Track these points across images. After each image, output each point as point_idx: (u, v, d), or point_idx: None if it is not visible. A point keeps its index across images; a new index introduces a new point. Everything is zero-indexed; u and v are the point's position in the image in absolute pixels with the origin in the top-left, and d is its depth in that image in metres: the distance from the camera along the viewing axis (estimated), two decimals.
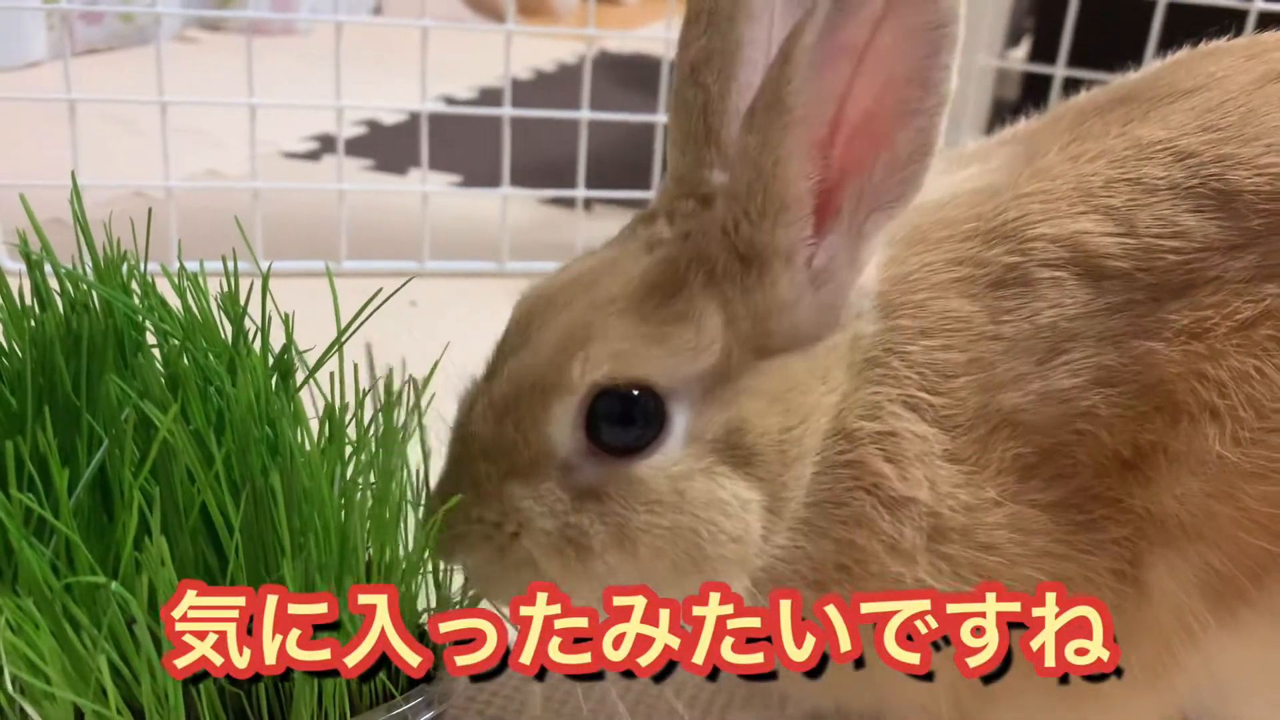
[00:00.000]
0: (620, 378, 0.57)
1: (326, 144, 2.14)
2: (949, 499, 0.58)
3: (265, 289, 0.63)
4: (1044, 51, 1.90)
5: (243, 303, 0.65)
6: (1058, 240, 0.59)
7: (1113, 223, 0.59)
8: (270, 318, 0.63)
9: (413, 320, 1.43)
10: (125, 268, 0.66)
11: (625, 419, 0.57)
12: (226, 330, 0.65)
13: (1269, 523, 0.57)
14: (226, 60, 1.62)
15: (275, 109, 1.65)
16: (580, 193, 1.65)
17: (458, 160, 1.99)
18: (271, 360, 0.63)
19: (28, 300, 0.63)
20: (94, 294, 0.62)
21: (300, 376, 0.65)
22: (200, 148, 2.03)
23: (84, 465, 0.59)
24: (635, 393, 0.57)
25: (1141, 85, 0.66)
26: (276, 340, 0.65)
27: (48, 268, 0.63)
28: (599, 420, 0.57)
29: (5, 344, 0.63)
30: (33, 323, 0.62)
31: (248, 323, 0.64)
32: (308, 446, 0.59)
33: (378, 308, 0.65)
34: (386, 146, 2.17)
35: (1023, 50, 2.21)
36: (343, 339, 0.63)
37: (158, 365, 0.60)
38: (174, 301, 0.65)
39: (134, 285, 0.66)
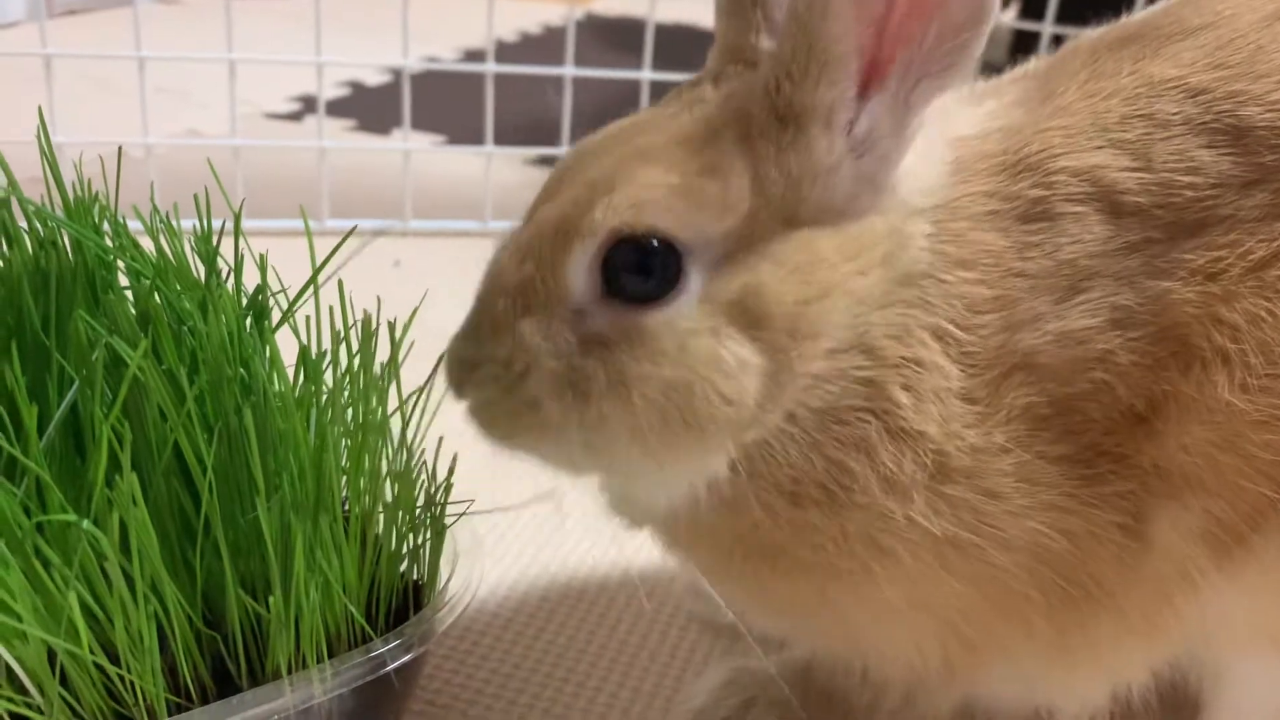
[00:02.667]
0: (640, 226, 0.55)
1: (309, 105, 2.12)
2: (957, 438, 0.56)
3: (238, 229, 0.62)
4: (1033, 10, 1.88)
5: (216, 246, 0.64)
6: (1079, 174, 0.57)
7: (1129, 157, 0.57)
8: (244, 258, 0.62)
9: (396, 279, 1.42)
10: (96, 209, 0.65)
11: (641, 268, 0.56)
12: (200, 272, 0.64)
13: (1272, 470, 0.56)
14: (208, 23, 1.60)
15: (257, 70, 1.62)
16: (565, 150, 1.63)
17: (441, 120, 1.97)
18: (245, 301, 0.62)
19: None
20: (63, 232, 0.60)
21: (275, 319, 0.64)
22: (181, 108, 2.01)
23: (54, 405, 0.58)
24: (654, 243, 0.55)
25: (1150, 23, 0.65)
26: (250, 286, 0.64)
27: (15, 207, 0.62)
28: (615, 267, 0.56)
29: None
30: (0, 262, 0.61)
31: (221, 264, 0.63)
32: (282, 388, 0.58)
33: (358, 250, 0.64)
34: (370, 107, 2.15)
35: (1011, 14, 2.19)
36: (318, 280, 0.62)
37: (129, 304, 0.59)
38: (147, 247, 0.64)
39: (105, 228, 0.65)
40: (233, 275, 0.62)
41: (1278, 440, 0.55)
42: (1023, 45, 1.83)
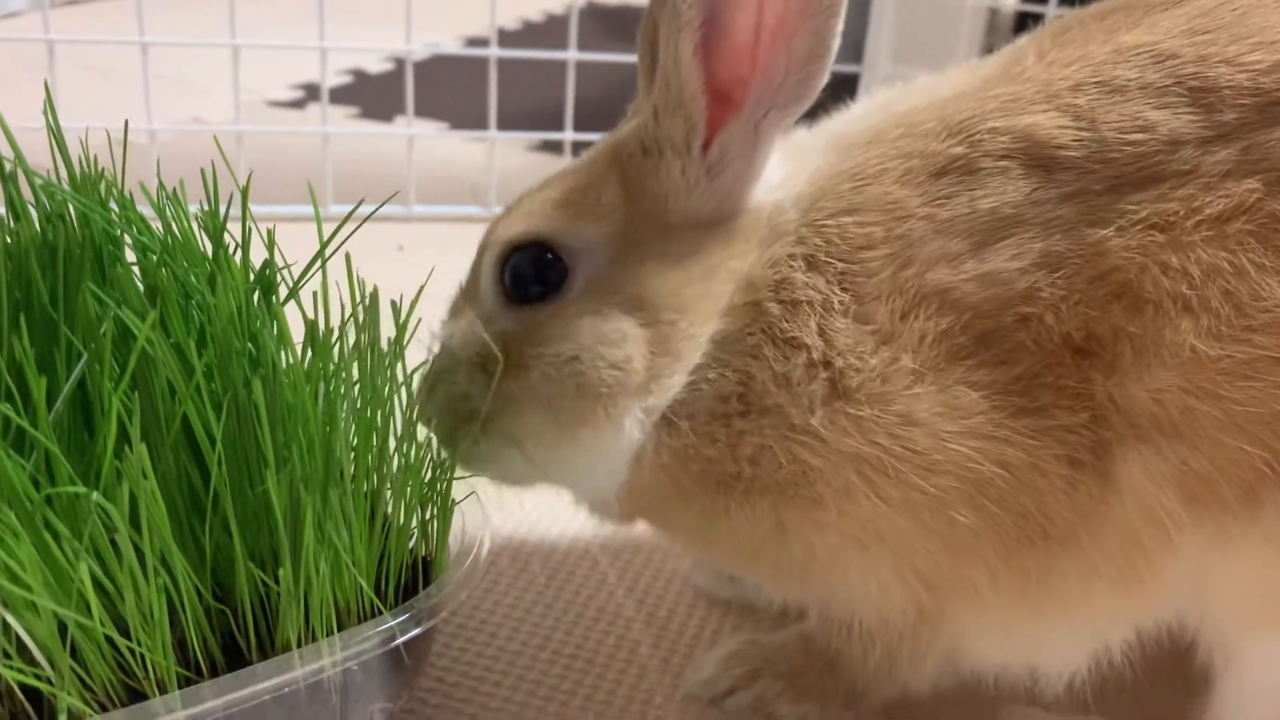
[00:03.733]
0: (528, 235, 0.66)
1: (312, 92, 2.11)
2: (849, 355, 0.61)
3: (245, 203, 0.62)
4: None
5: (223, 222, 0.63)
6: (1008, 132, 0.61)
7: (1070, 118, 0.60)
8: (251, 231, 0.62)
9: (399, 263, 1.42)
10: (103, 186, 0.65)
11: (533, 272, 0.65)
12: (207, 247, 0.63)
13: (1255, 428, 0.57)
14: (211, 11, 1.60)
15: (259, 59, 1.62)
16: (568, 135, 1.63)
17: (444, 108, 1.97)
18: (253, 277, 0.62)
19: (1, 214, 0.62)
20: (70, 206, 0.60)
21: (283, 293, 0.64)
22: (184, 96, 2.01)
23: (63, 379, 0.58)
24: (542, 249, 0.65)
25: None
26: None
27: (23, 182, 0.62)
28: (510, 272, 0.66)
29: None
30: (7, 237, 0.61)
31: (228, 239, 0.63)
32: (291, 361, 0.58)
33: (366, 219, 0.64)
34: (373, 95, 2.15)
35: None
36: (325, 254, 0.62)
37: (136, 279, 0.59)
38: (155, 227, 0.64)
39: (112, 206, 0.65)
40: (239, 251, 0.62)
41: (1261, 394, 0.56)
42: (1024, 29, 1.81)
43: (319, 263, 0.63)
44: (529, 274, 0.65)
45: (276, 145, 1.67)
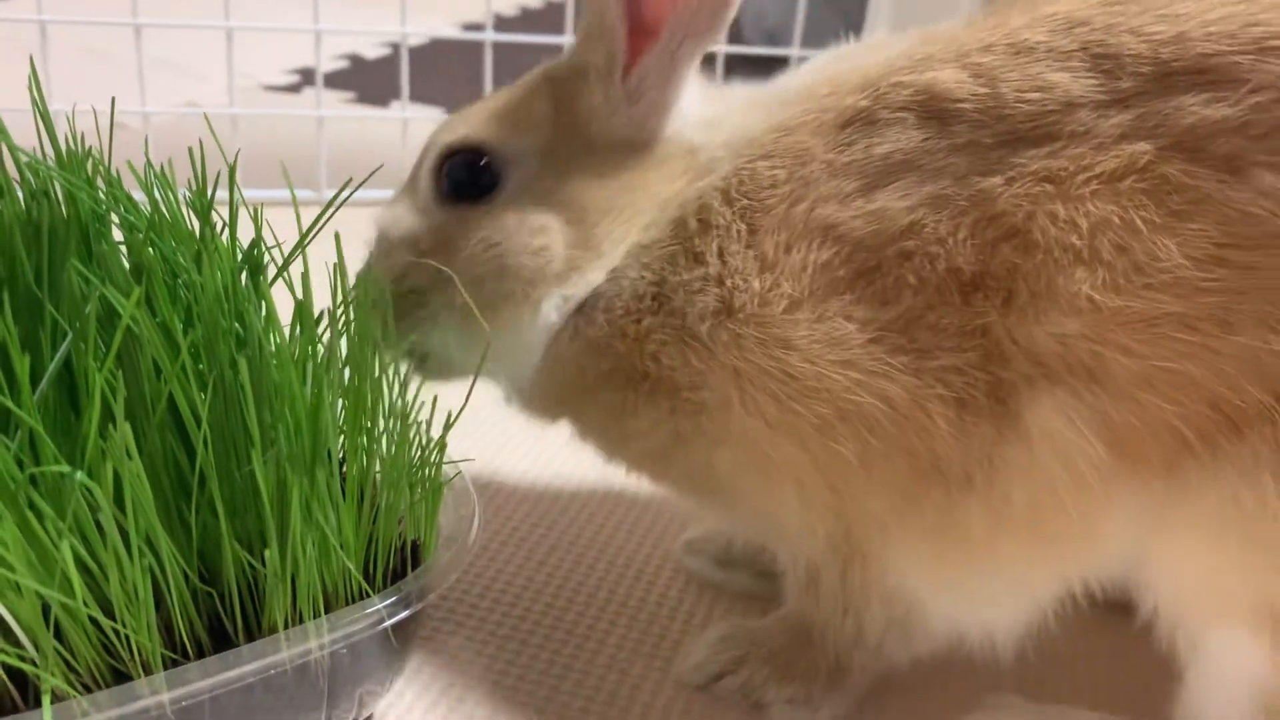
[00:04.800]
0: (463, 140, 0.72)
1: (307, 77, 2.11)
2: (737, 276, 0.65)
3: (233, 182, 0.61)
4: None
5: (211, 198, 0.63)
6: (910, 86, 0.64)
7: (970, 74, 0.63)
8: (239, 211, 0.61)
9: None
10: (90, 164, 0.65)
11: (467, 175, 0.71)
12: (195, 227, 0.63)
13: (1170, 390, 0.57)
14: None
15: (255, 43, 1.62)
16: None
17: (441, 93, 1.96)
18: (240, 255, 0.62)
19: None
20: (56, 184, 0.60)
21: (270, 272, 0.64)
22: (179, 80, 2.00)
23: (47, 358, 0.58)
24: (477, 154, 0.71)
25: None
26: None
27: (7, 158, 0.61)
28: (447, 173, 0.72)
29: None
30: None
31: (215, 219, 0.63)
32: (278, 341, 0.58)
33: (351, 194, 0.64)
34: (368, 80, 2.14)
35: None
36: (314, 231, 0.62)
37: (122, 257, 0.58)
38: (142, 203, 0.64)
39: (99, 182, 0.65)
40: (227, 230, 0.62)
41: (1171, 352, 0.57)
42: None
43: (308, 240, 0.63)
44: (464, 177, 0.71)
45: (271, 129, 1.66)
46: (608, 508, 0.96)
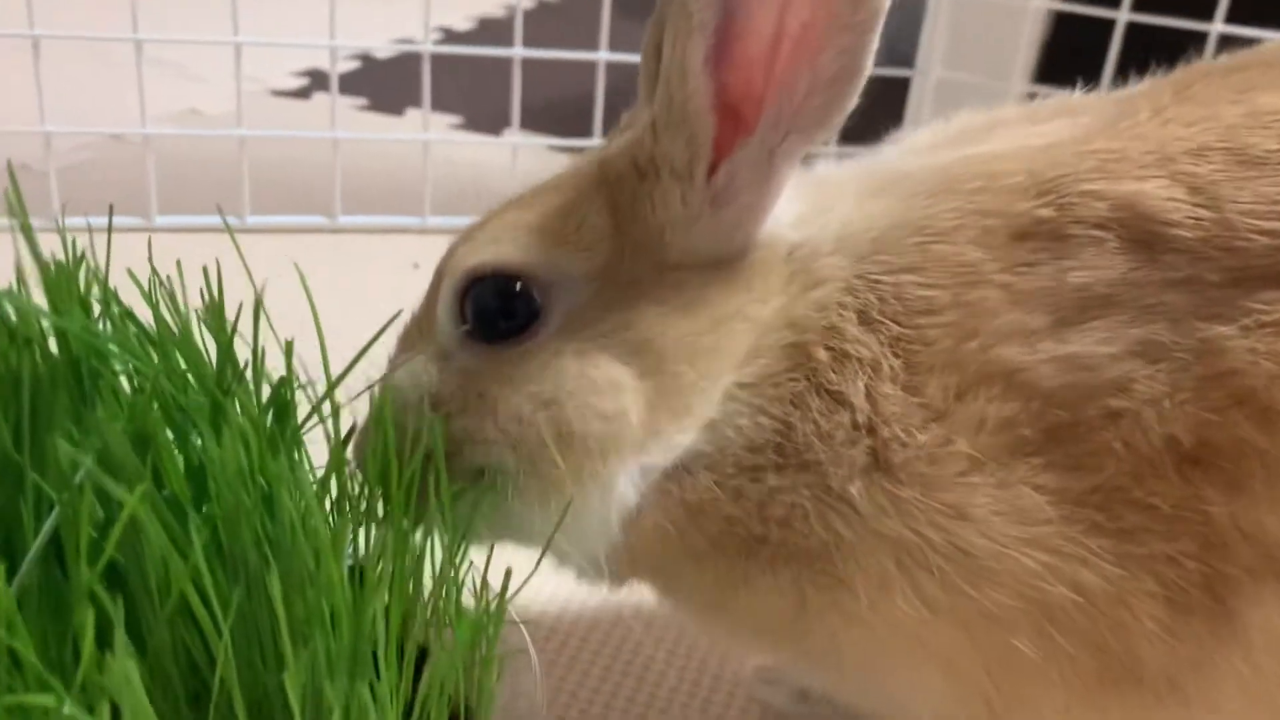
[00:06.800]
0: (493, 263, 0.57)
1: (317, 80, 1.99)
2: (895, 425, 0.52)
3: (258, 313, 0.51)
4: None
5: (231, 323, 0.52)
6: (1105, 198, 0.52)
7: (1186, 190, 0.51)
8: (264, 351, 0.51)
9: (417, 283, 1.31)
10: (84, 272, 0.54)
11: (498, 305, 0.56)
12: (208, 345, 0.52)
13: None
14: None
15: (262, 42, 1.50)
16: (597, 142, 1.51)
17: (457, 99, 1.84)
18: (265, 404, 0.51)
19: None
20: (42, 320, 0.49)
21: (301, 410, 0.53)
22: (181, 82, 1.88)
23: (30, 535, 0.47)
24: (509, 280, 0.56)
25: (1275, 50, 0.57)
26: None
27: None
28: (472, 305, 0.57)
29: None
30: None
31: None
32: (312, 522, 0.47)
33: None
34: (381, 83, 2.02)
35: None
36: (353, 363, 0.51)
37: (121, 413, 0.48)
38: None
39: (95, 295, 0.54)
40: (250, 369, 0.51)
41: None
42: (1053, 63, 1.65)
43: (346, 372, 0.52)
44: (494, 308, 0.57)
45: (281, 142, 1.55)
46: (658, 627, 0.85)
